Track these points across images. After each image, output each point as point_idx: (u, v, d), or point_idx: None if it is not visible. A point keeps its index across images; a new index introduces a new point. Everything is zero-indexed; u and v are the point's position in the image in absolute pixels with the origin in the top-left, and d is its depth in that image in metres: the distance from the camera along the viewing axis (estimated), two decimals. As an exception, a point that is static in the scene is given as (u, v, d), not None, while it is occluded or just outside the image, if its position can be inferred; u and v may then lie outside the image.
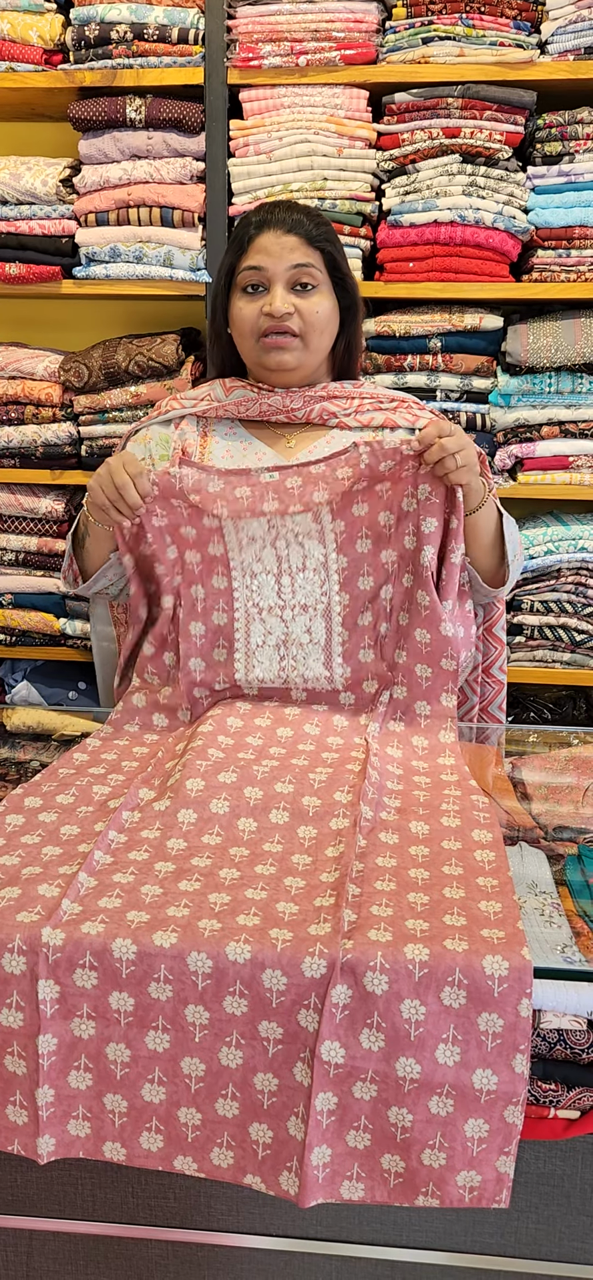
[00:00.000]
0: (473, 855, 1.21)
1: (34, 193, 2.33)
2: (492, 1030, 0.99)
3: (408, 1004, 1.00)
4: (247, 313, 1.67)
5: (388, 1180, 1.02)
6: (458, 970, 1.00)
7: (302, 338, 1.66)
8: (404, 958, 1.01)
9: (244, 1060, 1.03)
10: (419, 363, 2.32)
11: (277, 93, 2.27)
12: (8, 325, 2.71)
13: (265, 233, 1.66)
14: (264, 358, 1.67)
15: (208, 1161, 1.05)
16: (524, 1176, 1.14)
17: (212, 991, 1.03)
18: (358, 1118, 1.02)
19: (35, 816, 1.34)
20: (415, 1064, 1.00)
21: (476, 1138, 1.00)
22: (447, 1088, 0.99)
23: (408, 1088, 1.00)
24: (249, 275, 1.66)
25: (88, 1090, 1.06)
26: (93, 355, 2.38)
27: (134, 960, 1.04)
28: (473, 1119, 1.00)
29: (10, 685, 2.57)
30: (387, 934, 1.04)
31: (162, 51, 2.26)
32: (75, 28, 2.28)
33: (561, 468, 2.35)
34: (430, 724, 1.57)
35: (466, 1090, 0.99)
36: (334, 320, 1.71)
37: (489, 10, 2.18)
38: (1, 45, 2.30)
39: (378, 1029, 1.00)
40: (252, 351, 1.69)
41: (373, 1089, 1.01)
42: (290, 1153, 1.02)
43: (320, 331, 1.67)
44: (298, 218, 1.67)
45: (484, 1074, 0.99)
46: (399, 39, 2.22)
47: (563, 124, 2.22)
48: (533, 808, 1.43)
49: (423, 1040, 1.00)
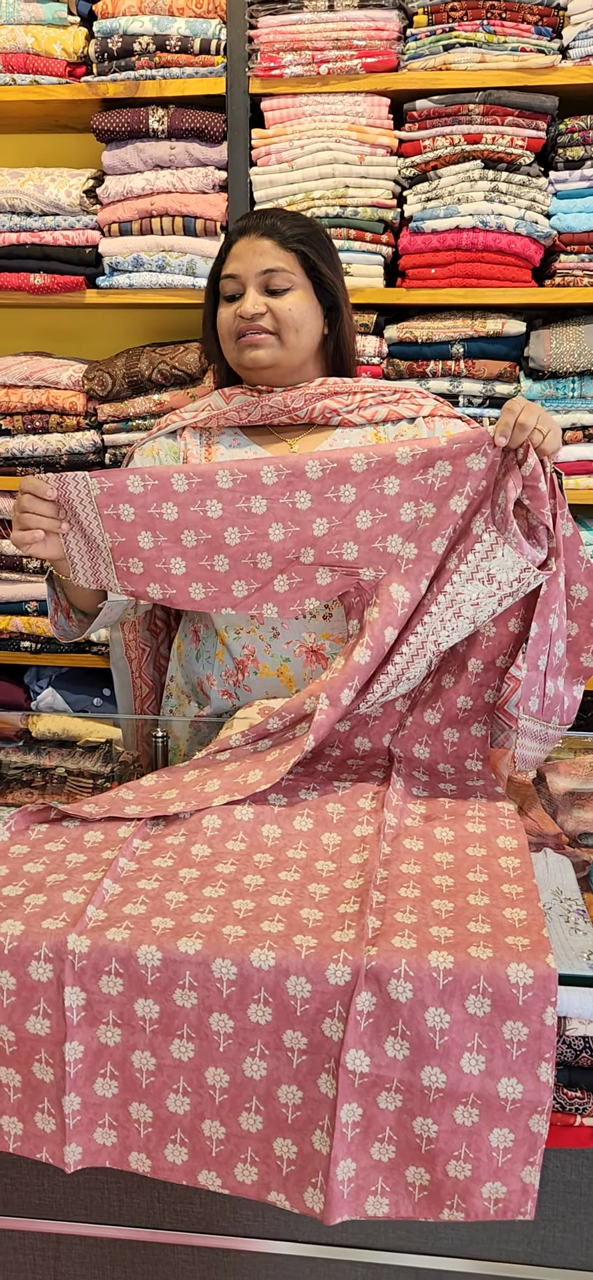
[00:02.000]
0: (498, 862, 1.20)
1: (58, 204, 2.35)
2: (517, 1039, 0.99)
3: (432, 1012, 0.99)
4: (225, 316, 1.72)
5: (413, 1194, 1.02)
6: (482, 978, 0.99)
7: (276, 335, 1.68)
8: (428, 965, 1.00)
9: (268, 1071, 1.03)
10: (442, 368, 2.32)
11: (298, 101, 2.28)
12: (32, 335, 2.73)
13: (241, 240, 1.70)
14: (240, 356, 1.71)
15: (232, 1178, 1.05)
16: (550, 1185, 1.13)
17: (236, 999, 1.04)
18: (383, 1129, 1.01)
19: (59, 823, 1.35)
20: (440, 1073, 0.99)
21: (501, 1148, 0.99)
22: (472, 1097, 0.99)
23: (433, 1097, 1.00)
24: (227, 284, 1.71)
25: (114, 1098, 1.07)
26: (116, 364, 2.39)
27: (159, 967, 1.05)
28: (498, 1129, 0.99)
29: (35, 692, 2.59)
30: (411, 941, 1.03)
31: (184, 62, 2.28)
32: (98, 40, 2.31)
33: (585, 473, 2.34)
34: (467, 716, 1.53)
35: (491, 1099, 0.99)
36: (313, 319, 1.71)
37: (510, 16, 2.18)
38: (26, 58, 2.33)
39: (403, 1037, 1.00)
40: (232, 353, 1.73)
41: (398, 1099, 1.01)
42: (315, 1168, 1.02)
43: (296, 329, 1.68)
44: (272, 222, 1.69)
45: (509, 1083, 0.99)
46: (420, 46, 2.22)
47: (585, 128, 2.21)
48: (558, 814, 1.42)
49: (448, 1049, 0.99)
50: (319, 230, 1.75)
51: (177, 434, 1.78)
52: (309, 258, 1.69)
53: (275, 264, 1.67)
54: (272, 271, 1.67)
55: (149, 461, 1.79)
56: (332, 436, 1.71)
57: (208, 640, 1.73)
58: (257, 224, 1.70)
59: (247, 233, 1.70)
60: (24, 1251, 1.24)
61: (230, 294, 1.70)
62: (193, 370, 2.34)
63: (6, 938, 1.07)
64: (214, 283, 1.76)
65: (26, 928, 1.09)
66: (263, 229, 1.69)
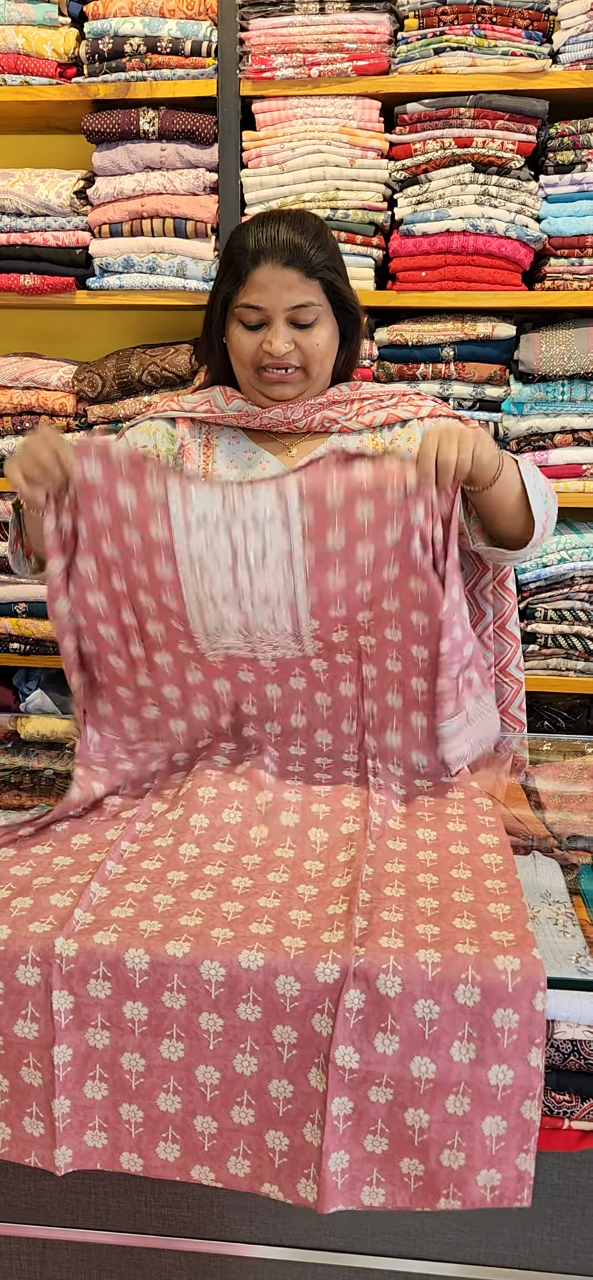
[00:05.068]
0: (480, 859, 1.21)
1: (48, 204, 2.34)
2: (507, 1026, 0.99)
3: (422, 1004, 1.00)
4: (246, 344, 1.64)
5: (408, 1184, 1.02)
6: (471, 968, 1.00)
7: (303, 369, 1.65)
8: (417, 960, 1.01)
9: (259, 1067, 1.03)
10: (432, 371, 2.32)
11: (289, 104, 2.28)
12: (22, 336, 2.72)
13: (263, 266, 1.60)
14: (267, 390, 1.66)
15: (225, 1171, 1.05)
16: (539, 1188, 1.13)
17: (225, 999, 1.04)
18: (375, 1121, 1.02)
19: (46, 826, 1.35)
20: (431, 1063, 1.00)
21: (494, 1135, 1.00)
22: (463, 1085, 0.99)
23: (424, 1088, 1.00)
24: (247, 313, 1.62)
25: (103, 1100, 1.06)
26: (106, 365, 2.39)
27: (147, 970, 1.04)
28: (491, 1116, 0.99)
29: (24, 694, 2.58)
30: (398, 940, 1.04)
31: (175, 64, 2.28)
32: (89, 41, 2.30)
33: (574, 476, 2.34)
34: (425, 700, 1.47)
35: (482, 1087, 0.99)
36: (335, 343, 1.69)
37: (501, 20, 2.19)
38: (16, 59, 2.32)
39: (392, 1031, 1.00)
40: (251, 380, 1.67)
41: (388, 1092, 1.01)
42: (308, 1159, 1.02)
43: (321, 360, 1.66)
44: (296, 244, 1.59)
45: (500, 1069, 0.99)
46: (411, 50, 2.22)
47: (575, 133, 2.22)
48: (547, 817, 1.42)
49: (437, 1039, 1.00)
50: (334, 247, 1.68)
51: (175, 420, 1.76)
52: (333, 284, 1.63)
53: (303, 298, 1.60)
54: (299, 307, 1.60)
55: (144, 439, 1.75)
56: (329, 441, 1.71)
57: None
58: (280, 250, 1.59)
59: (269, 258, 1.60)
60: (10, 1257, 1.23)
61: (253, 324, 1.63)
62: (183, 372, 2.34)
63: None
64: (226, 299, 1.67)
65: (13, 931, 1.08)
66: (287, 256, 1.59)
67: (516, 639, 1.85)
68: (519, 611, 2.42)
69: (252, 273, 1.60)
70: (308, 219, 1.66)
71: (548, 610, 2.40)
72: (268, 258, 1.59)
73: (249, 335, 1.63)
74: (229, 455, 1.71)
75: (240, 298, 1.63)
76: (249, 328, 1.63)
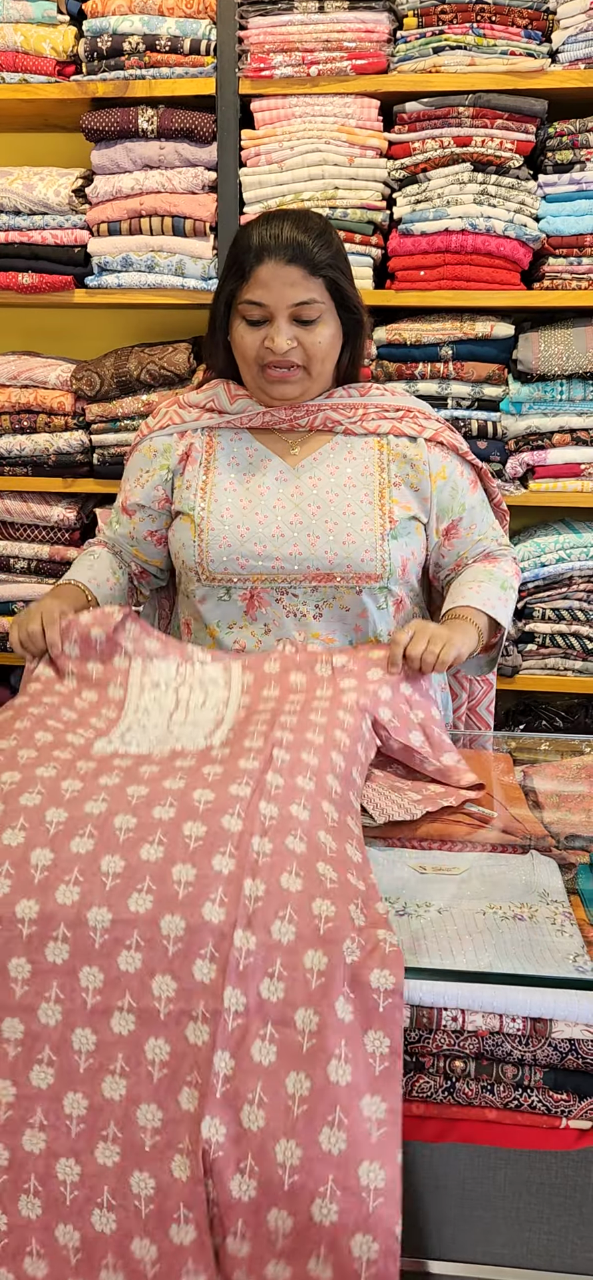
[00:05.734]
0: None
1: (47, 203, 2.34)
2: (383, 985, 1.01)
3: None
4: (249, 341, 1.65)
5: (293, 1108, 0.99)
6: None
7: (304, 368, 1.65)
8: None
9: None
10: (431, 371, 2.32)
11: (288, 103, 2.28)
12: (20, 334, 2.72)
13: (266, 263, 1.60)
14: (269, 388, 1.67)
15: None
16: (536, 1186, 1.13)
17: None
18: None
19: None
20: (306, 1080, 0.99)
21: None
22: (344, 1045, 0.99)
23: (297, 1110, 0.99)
24: (251, 310, 1.63)
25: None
26: (105, 364, 2.39)
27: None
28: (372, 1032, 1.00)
29: (22, 693, 2.58)
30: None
31: (174, 62, 2.28)
32: (88, 39, 2.30)
33: (572, 475, 2.34)
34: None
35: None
36: (338, 342, 1.69)
37: (500, 19, 2.19)
38: (15, 57, 2.32)
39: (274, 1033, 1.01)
40: (254, 378, 1.68)
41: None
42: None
43: (323, 359, 1.66)
44: (300, 242, 1.60)
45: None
46: (410, 48, 2.22)
47: (574, 132, 2.22)
48: (545, 816, 1.42)
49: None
50: (339, 246, 1.68)
51: (179, 435, 1.76)
52: (336, 282, 1.64)
53: (306, 296, 1.61)
54: (302, 305, 1.61)
55: (145, 462, 1.76)
56: (333, 441, 1.71)
57: (199, 634, 1.73)
58: (283, 247, 1.60)
59: (273, 255, 1.60)
60: None
61: (256, 320, 1.64)
62: (181, 370, 2.34)
63: None
64: (230, 296, 1.67)
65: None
66: (290, 253, 1.60)
67: (489, 682, 1.93)
68: (517, 611, 2.43)
69: (255, 269, 1.61)
70: (313, 218, 1.67)
71: (546, 610, 2.40)
72: (271, 255, 1.60)
73: (252, 332, 1.64)
74: (230, 453, 1.71)
75: (244, 294, 1.63)
76: (252, 324, 1.64)
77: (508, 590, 1.72)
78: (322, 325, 1.64)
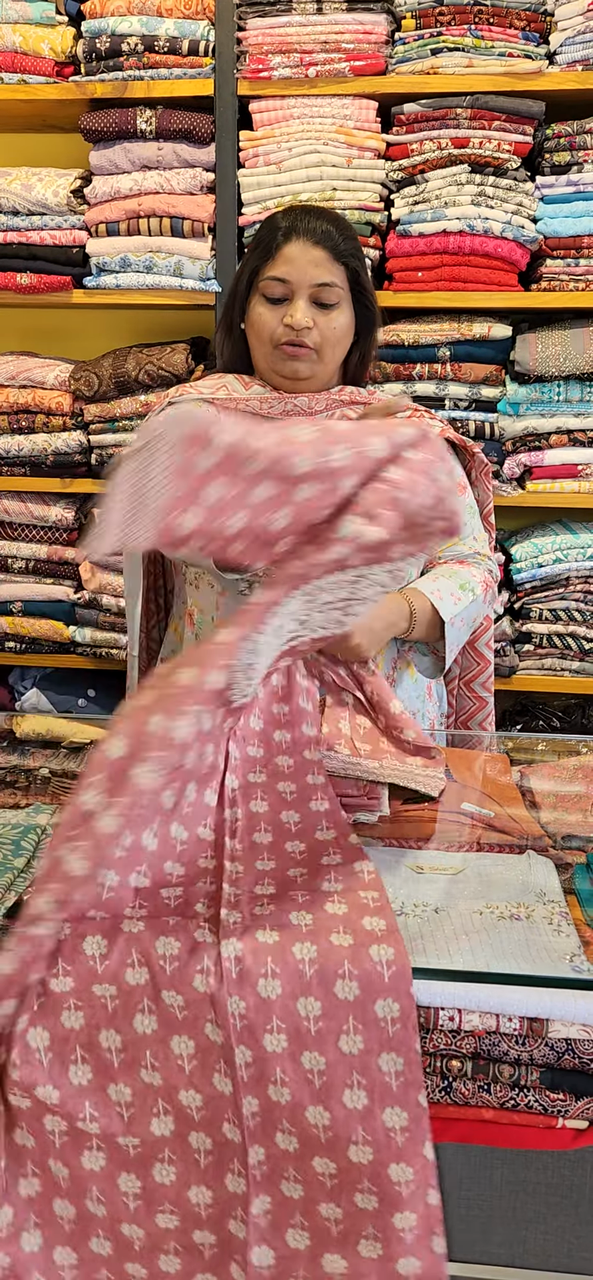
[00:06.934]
0: (367, 952, 1.06)
1: (45, 203, 2.34)
2: (390, 1017, 1.00)
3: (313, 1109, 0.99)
4: (267, 319, 1.67)
5: (325, 1183, 1.00)
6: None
7: (317, 351, 1.67)
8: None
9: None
10: (428, 371, 2.33)
11: (286, 104, 2.28)
12: (19, 335, 2.72)
13: (293, 241, 1.65)
14: (280, 365, 1.68)
15: None
16: (533, 1186, 1.13)
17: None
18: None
19: None
20: (325, 1113, 0.99)
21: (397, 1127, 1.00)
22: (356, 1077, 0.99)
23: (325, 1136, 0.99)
24: (272, 286, 1.66)
25: None
26: (103, 364, 2.39)
27: None
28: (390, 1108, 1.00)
29: (20, 693, 2.58)
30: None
31: (172, 63, 2.28)
32: (86, 40, 2.30)
33: (569, 476, 2.35)
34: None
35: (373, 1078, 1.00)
36: (350, 334, 1.71)
37: (498, 21, 2.19)
38: (14, 58, 2.32)
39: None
40: (267, 357, 1.69)
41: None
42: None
43: (335, 345, 1.68)
44: (327, 229, 1.66)
45: (389, 1057, 1.00)
46: (408, 50, 2.23)
47: (572, 134, 2.22)
48: (542, 816, 1.43)
49: (328, 1087, 0.99)
50: (359, 243, 1.73)
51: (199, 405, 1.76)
52: (357, 272, 1.68)
53: (329, 278, 1.64)
54: (324, 285, 1.64)
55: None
56: None
57: (204, 626, 1.73)
58: (311, 227, 1.66)
59: (300, 235, 1.65)
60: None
61: (276, 297, 1.66)
62: (180, 371, 2.34)
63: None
64: (252, 275, 1.70)
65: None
66: (317, 235, 1.65)
67: (485, 659, 1.90)
68: (515, 611, 2.44)
69: (282, 247, 1.66)
70: (338, 213, 1.75)
71: (543, 610, 2.40)
72: (299, 235, 1.66)
73: (271, 310, 1.67)
74: None
75: (267, 270, 1.67)
76: (272, 301, 1.67)
77: (467, 591, 1.67)
78: (338, 312, 1.67)
